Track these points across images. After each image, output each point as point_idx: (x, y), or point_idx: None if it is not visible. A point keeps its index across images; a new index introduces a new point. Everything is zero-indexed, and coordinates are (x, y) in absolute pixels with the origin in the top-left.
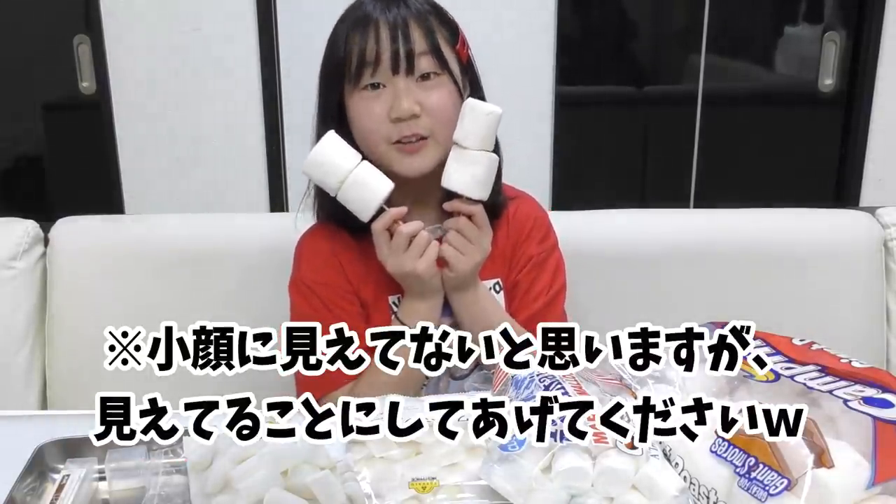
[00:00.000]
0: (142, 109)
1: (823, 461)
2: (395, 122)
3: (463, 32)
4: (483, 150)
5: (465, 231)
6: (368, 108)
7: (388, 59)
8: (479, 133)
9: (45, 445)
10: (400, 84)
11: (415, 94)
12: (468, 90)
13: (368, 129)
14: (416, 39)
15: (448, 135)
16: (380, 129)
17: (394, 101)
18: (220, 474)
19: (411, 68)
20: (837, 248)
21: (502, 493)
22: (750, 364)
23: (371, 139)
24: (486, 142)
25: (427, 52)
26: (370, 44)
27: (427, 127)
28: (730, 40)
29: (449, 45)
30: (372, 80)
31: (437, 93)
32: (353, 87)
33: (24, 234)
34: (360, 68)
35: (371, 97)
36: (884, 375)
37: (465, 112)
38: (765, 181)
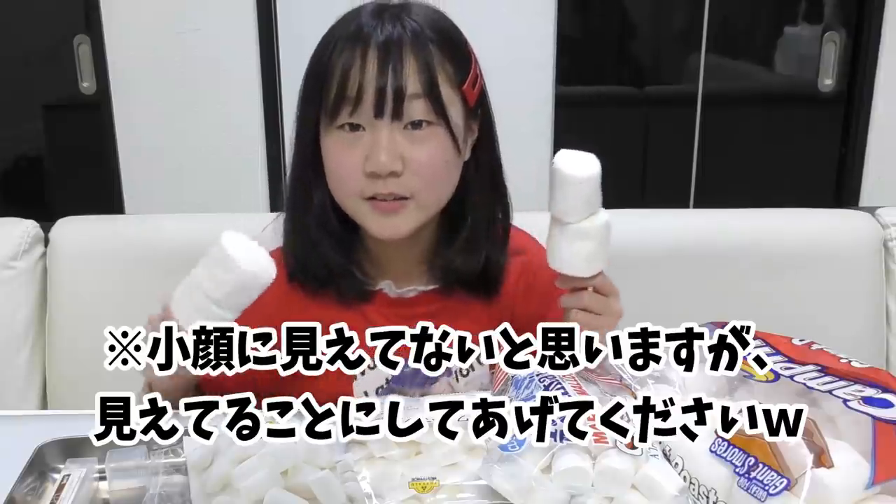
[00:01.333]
0: (142, 109)
1: (823, 461)
2: (370, 176)
3: (477, 64)
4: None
5: (592, 306)
6: (342, 154)
7: (371, 99)
8: (579, 202)
9: (45, 445)
10: (382, 132)
11: (398, 146)
12: (474, 136)
13: (339, 178)
14: (408, 76)
15: (436, 197)
16: (352, 181)
17: (371, 152)
18: (220, 474)
19: (398, 114)
20: (837, 248)
21: (502, 493)
22: (750, 364)
23: (341, 190)
24: (591, 206)
25: (420, 94)
26: (353, 73)
27: (408, 187)
28: (730, 40)
29: (452, 84)
30: (350, 121)
31: (427, 147)
32: (328, 122)
33: (24, 234)
34: (339, 104)
35: (347, 140)
36: (884, 375)
37: (556, 181)
38: (765, 181)
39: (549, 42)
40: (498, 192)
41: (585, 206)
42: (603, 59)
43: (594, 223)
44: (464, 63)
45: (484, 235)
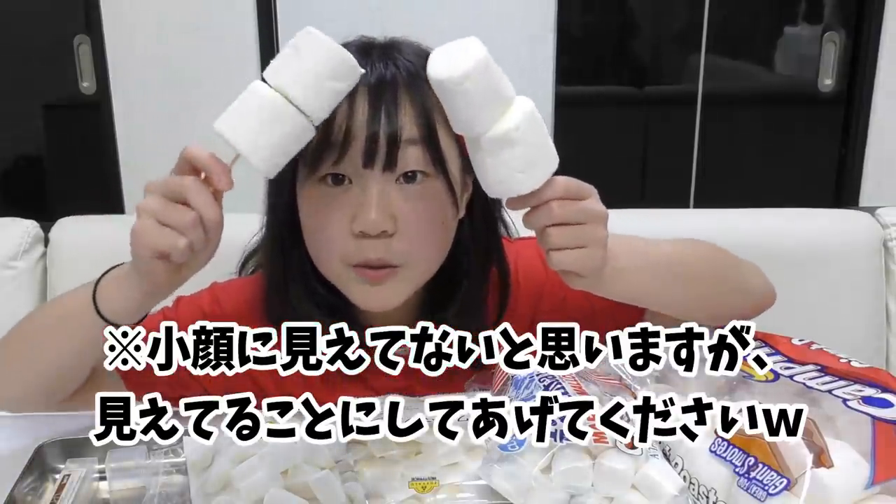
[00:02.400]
0: (142, 109)
1: (823, 461)
2: (359, 237)
3: None
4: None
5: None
6: (324, 212)
7: (359, 146)
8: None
9: (45, 445)
10: (372, 186)
11: (391, 204)
12: (469, 191)
13: (321, 241)
14: (403, 120)
15: (429, 264)
16: (336, 243)
17: (359, 209)
18: (220, 474)
19: (392, 163)
20: (837, 248)
21: (502, 493)
22: (750, 364)
23: (323, 254)
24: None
25: (416, 140)
26: (339, 117)
27: (400, 254)
28: (730, 40)
29: (449, 130)
30: (333, 171)
31: (423, 204)
32: (308, 172)
33: (24, 234)
34: (321, 151)
35: (329, 195)
36: (883, 375)
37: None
38: (765, 181)
39: (549, 42)
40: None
41: (487, 106)
42: (603, 59)
43: (512, 121)
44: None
45: (479, 302)
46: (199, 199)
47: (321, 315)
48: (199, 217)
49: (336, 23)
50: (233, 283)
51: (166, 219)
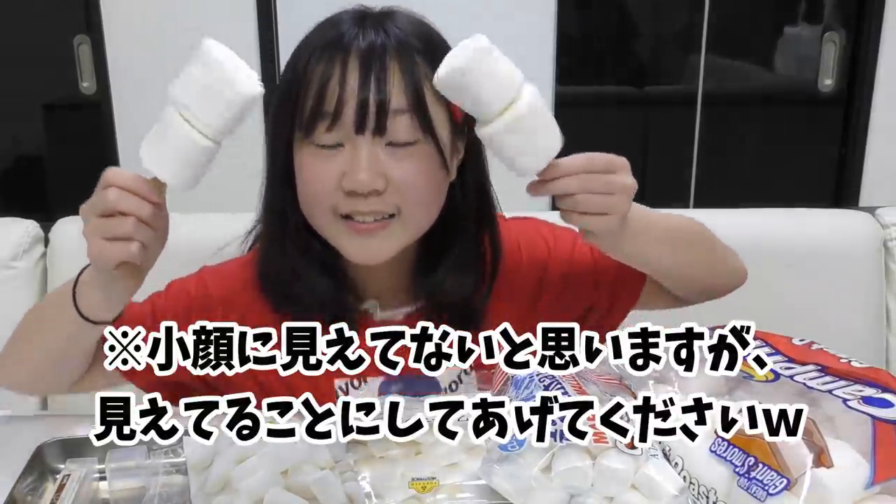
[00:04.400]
0: (142, 109)
1: (823, 461)
2: (349, 195)
3: None
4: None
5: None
6: (316, 169)
7: (351, 114)
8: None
9: (45, 445)
10: (363, 147)
11: (380, 163)
12: (460, 155)
13: (313, 195)
14: (392, 88)
15: (421, 217)
16: (326, 196)
17: (350, 167)
18: (220, 474)
19: (381, 129)
20: (837, 248)
21: (502, 493)
22: (750, 364)
23: (314, 207)
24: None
25: (405, 109)
26: (332, 85)
27: (392, 204)
28: (730, 40)
29: (439, 98)
30: (326, 140)
31: (412, 165)
32: (302, 136)
33: (24, 234)
34: (315, 119)
35: (322, 156)
36: (884, 375)
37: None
38: (765, 181)
39: (548, 42)
40: (485, 219)
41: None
42: (603, 59)
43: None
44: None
45: (472, 261)
46: (129, 205)
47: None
48: (136, 219)
49: None
50: (224, 266)
51: (110, 233)
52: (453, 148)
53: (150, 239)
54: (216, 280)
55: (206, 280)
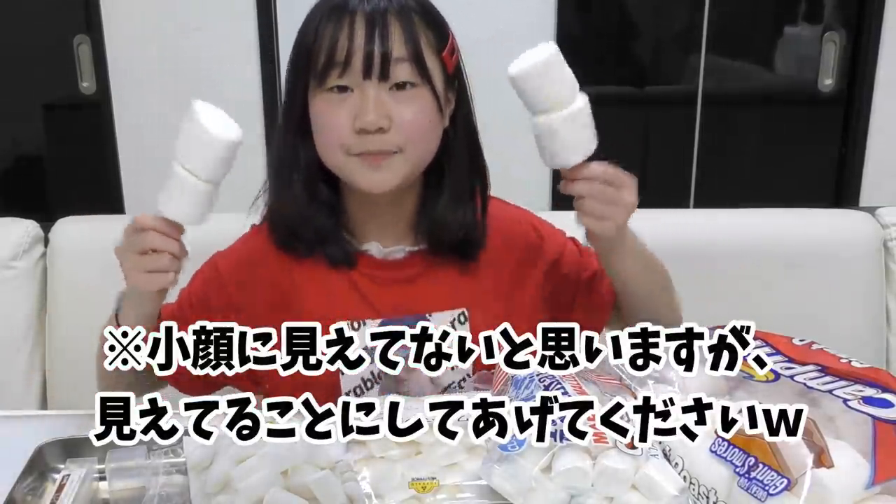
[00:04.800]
0: (142, 109)
1: (823, 461)
2: (360, 133)
3: (454, 37)
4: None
5: (601, 195)
6: (331, 113)
7: (359, 62)
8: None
9: (45, 445)
10: (369, 91)
11: (385, 105)
12: (451, 105)
13: (328, 135)
14: (394, 41)
15: (421, 152)
16: (341, 138)
17: (359, 110)
18: (220, 474)
19: (385, 75)
20: (837, 248)
21: (502, 493)
22: (750, 364)
23: (329, 147)
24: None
25: (406, 58)
26: (342, 40)
27: (395, 143)
28: (730, 40)
29: (434, 51)
30: (339, 83)
31: (412, 106)
32: (317, 85)
33: (24, 234)
34: (328, 68)
35: (335, 101)
36: (884, 375)
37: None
38: (765, 181)
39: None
40: (475, 160)
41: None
42: (603, 59)
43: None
44: (443, 33)
45: (466, 196)
46: (164, 244)
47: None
48: (170, 255)
49: None
50: (232, 248)
51: (151, 268)
52: (446, 97)
53: (179, 267)
54: (224, 260)
55: (217, 264)
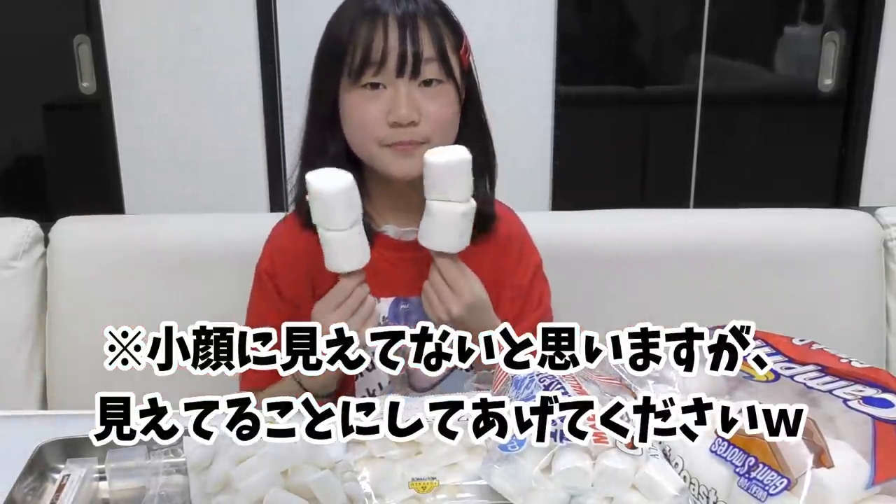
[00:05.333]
0: (142, 109)
1: (823, 461)
2: (393, 126)
3: (466, 36)
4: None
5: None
6: (365, 108)
7: (394, 61)
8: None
9: (45, 445)
10: (401, 88)
11: (416, 101)
12: (463, 95)
13: (363, 128)
14: (424, 43)
15: (445, 141)
16: (375, 130)
17: (393, 105)
18: (220, 474)
19: (416, 73)
20: (837, 248)
21: (502, 493)
22: (750, 364)
23: (363, 139)
24: (468, 191)
25: (434, 58)
26: (377, 41)
27: (424, 134)
28: (730, 40)
29: (454, 50)
30: (373, 80)
31: (439, 101)
32: (351, 82)
33: (24, 234)
34: (363, 66)
35: (369, 96)
36: (884, 375)
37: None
38: (765, 181)
39: (549, 41)
40: (485, 143)
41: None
42: (603, 59)
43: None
44: (459, 33)
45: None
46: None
47: None
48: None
49: None
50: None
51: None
52: (462, 88)
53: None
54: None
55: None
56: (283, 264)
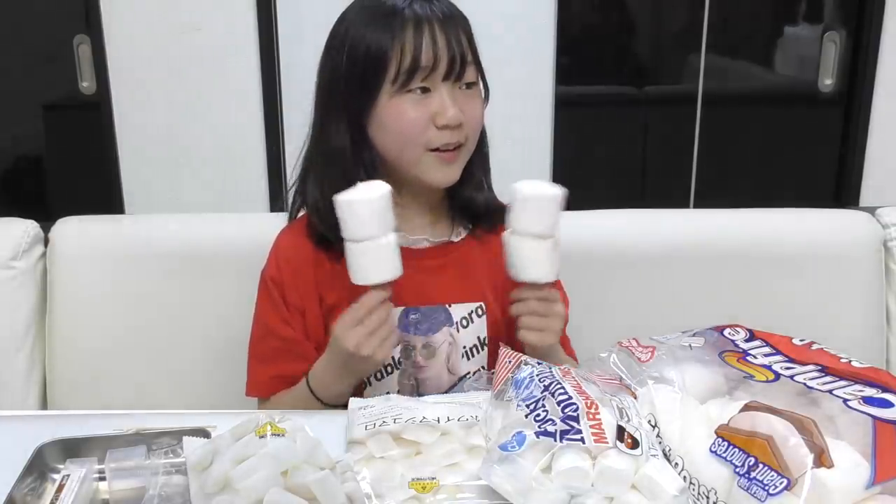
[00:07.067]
0: (142, 109)
1: (823, 461)
2: (442, 129)
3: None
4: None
5: (538, 310)
6: (412, 113)
7: (444, 66)
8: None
9: (45, 445)
10: (445, 91)
11: (460, 101)
12: None
13: (408, 133)
14: (465, 46)
15: (474, 141)
16: (422, 134)
17: (440, 108)
18: (220, 474)
19: (461, 76)
20: (837, 248)
21: (502, 493)
22: (750, 364)
23: (409, 144)
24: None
25: (471, 61)
26: (425, 46)
27: (464, 136)
28: (730, 40)
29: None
30: (422, 85)
31: (476, 103)
32: (396, 89)
33: (24, 234)
34: (412, 72)
35: (416, 101)
36: (884, 375)
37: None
38: (765, 181)
39: (549, 41)
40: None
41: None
42: (603, 59)
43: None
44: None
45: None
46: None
47: None
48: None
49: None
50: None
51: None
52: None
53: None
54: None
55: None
56: (289, 272)
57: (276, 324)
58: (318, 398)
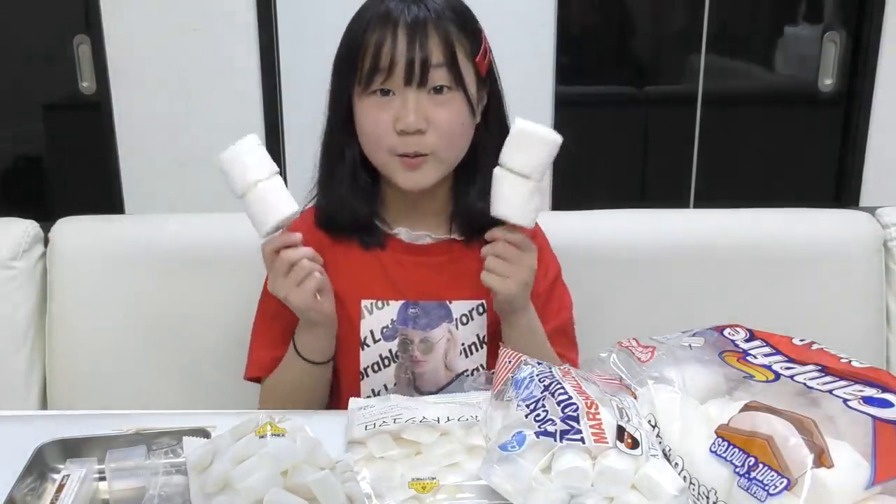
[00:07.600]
0: (142, 109)
1: (823, 461)
2: (400, 134)
3: (486, 40)
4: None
5: (505, 254)
6: (375, 115)
7: (401, 69)
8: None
9: (45, 445)
10: (410, 96)
11: (424, 109)
12: (484, 102)
13: (373, 136)
14: (432, 49)
15: (452, 154)
16: (384, 138)
17: (400, 113)
18: (220, 474)
19: (424, 81)
20: (837, 248)
21: (502, 493)
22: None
23: (374, 147)
24: (543, 170)
25: (442, 64)
26: (385, 48)
27: (430, 145)
28: (730, 40)
29: (468, 56)
30: (382, 87)
31: (447, 110)
32: (362, 89)
33: (24, 234)
34: (372, 73)
35: (379, 104)
36: (884, 375)
37: (519, 135)
38: (765, 181)
39: (549, 41)
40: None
41: (544, 166)
42: (603, 59)
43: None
44: (476, 38)
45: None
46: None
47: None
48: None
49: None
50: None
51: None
52: (479, 96)
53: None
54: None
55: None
56: None
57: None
58: (302, 356)
